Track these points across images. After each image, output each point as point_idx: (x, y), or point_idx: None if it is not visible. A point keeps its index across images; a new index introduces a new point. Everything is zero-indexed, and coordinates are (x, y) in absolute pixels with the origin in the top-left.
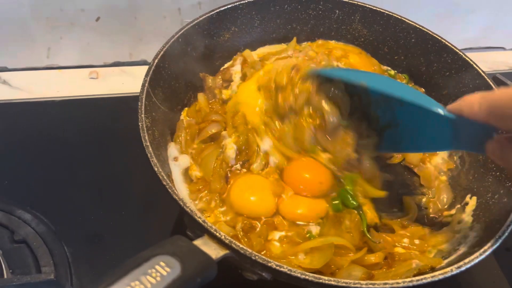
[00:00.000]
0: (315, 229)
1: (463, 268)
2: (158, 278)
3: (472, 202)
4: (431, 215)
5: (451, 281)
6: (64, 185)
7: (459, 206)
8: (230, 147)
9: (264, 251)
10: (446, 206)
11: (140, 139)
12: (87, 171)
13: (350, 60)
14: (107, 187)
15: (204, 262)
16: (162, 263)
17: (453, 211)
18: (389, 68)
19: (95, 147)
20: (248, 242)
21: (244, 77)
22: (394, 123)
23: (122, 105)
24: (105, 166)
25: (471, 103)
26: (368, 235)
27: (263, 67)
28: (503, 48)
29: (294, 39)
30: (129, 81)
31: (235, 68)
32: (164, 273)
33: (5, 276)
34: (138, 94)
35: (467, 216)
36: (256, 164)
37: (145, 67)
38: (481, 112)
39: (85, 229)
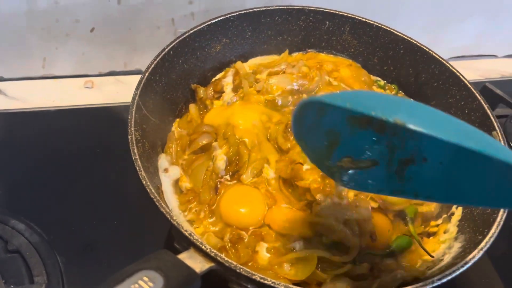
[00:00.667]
0: (298, 246)
1: (444, 280)
2: None
3: (458, 212)
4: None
5: (447, 286)
6: (58, 195)
7: (445, 215)
8: (221, 158)
9: (251, 262)
10: (433, 216)
11: None
12: (80, 181)
13: (341, 73)
14: (100, 197)
15: (188, 276)
16: (145, 278)
17: (439, 221)
18: (378, 79)
19: (89, 157)
20: (236, 253)
21: (236, 89)
22: (419, 158)
23: (116, 114)
24: (99, 176)
25: None
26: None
27: (256, 81)
28: (495, 56)
29: (286, 52)
30: (124, 90)
31: (227, 79)
32: None
33: None
34: None
35: (452, 227)
36: (246, 175)
37: (140, 77)
38: None
39: (78, 239)
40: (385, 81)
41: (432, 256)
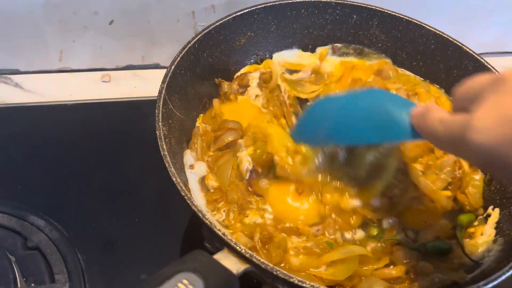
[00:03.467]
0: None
1: (489, 285)
2: None
3: (494, 213)
4: None
5: None
6: (77, 191)
7: (481, 217)
8: (245, 160)
9: (283, 263)
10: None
11: (153, 144)
12: (100, 176)
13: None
14: (120, 193)
15: (226, 278)
16: (184, 281)
17: (476, 223)
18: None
19: (107, 152)
20: (266, 253)
21: (261, 84)
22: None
23: (134, 109)
24: (118, 172)
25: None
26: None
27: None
28: None
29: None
30: (141, 85)
31: (254, 74)
32: None
33: (19, 285)
34: (150, 97)
35: (489, 229)
36: None
37: (158, 71)
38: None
39: (98, 235)
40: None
41: (476, 261)
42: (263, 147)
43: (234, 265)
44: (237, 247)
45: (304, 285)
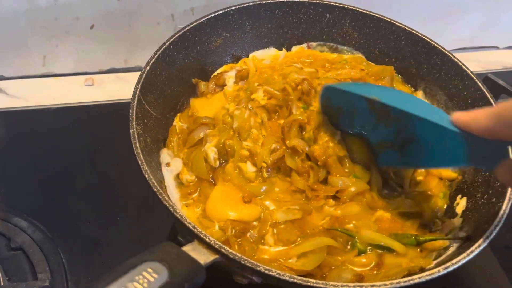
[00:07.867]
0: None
1: (450, 269)
2: (145, 285)
3: (462, 202)
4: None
5: (452, 279)
6: (60, 192)
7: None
8: (210, 151)
9: (256, 255)
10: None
11: None
12: (83, 177)
13: None
14: (103, 193)
15: (193, 268)
16: (149, 270)
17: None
18: None
19: (91, 154)
20: (239, 247)
21: (238, 82)
22: (415, 138)
23: (117, 112)
24: (101, 172)
25: (477, 116)
26: None
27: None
28: (496, 48)
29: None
30: (124, 88)
31: (230, 73)
32: (152, 279)
33: (2, 284)
34: None
35: (457, 217)
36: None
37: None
38: (488, 124)
39: (81, 235)
40: None
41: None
42: (227, 134)
43: (202, 256)
44: (207, 239)
45: (270, 273)
